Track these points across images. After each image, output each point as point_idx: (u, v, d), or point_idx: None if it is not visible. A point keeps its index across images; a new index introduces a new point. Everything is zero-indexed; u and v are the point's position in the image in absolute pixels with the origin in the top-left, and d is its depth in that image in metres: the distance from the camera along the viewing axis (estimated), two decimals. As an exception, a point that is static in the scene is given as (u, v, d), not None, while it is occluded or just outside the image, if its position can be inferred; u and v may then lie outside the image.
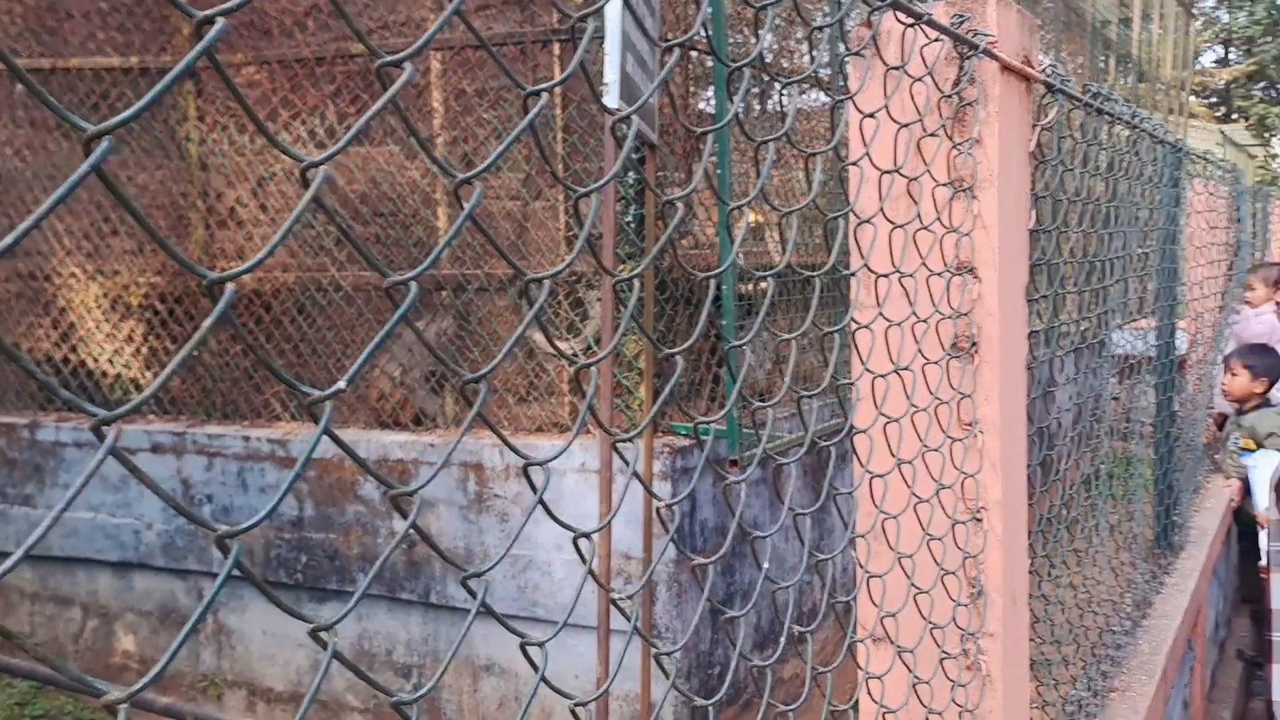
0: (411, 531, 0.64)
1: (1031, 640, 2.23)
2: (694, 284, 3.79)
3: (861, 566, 1.42)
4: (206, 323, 0.53)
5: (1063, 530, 2.66)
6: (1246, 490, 5.02)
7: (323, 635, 0.62)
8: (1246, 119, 31.45)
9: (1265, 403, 4.96)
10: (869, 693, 1.43)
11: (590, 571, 0.81)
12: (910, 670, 1.50)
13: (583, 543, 0.82)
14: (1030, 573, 2.13)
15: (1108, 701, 2.82)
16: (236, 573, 0.57)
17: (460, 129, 4.31)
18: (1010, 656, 1.80)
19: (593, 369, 0.80)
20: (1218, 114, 31.56)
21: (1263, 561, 2.83)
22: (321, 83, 4.49)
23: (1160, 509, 4.05)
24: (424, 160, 4.22)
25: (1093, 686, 2.79)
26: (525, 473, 0.76)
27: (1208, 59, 36.22)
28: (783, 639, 0.92)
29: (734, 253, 0.95)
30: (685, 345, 0.87)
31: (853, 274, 1.26)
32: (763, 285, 4.18)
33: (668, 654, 0.89)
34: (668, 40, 3.37)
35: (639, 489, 2.97)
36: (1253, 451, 4.93)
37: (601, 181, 0.74)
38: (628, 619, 0.86)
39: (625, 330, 0.83)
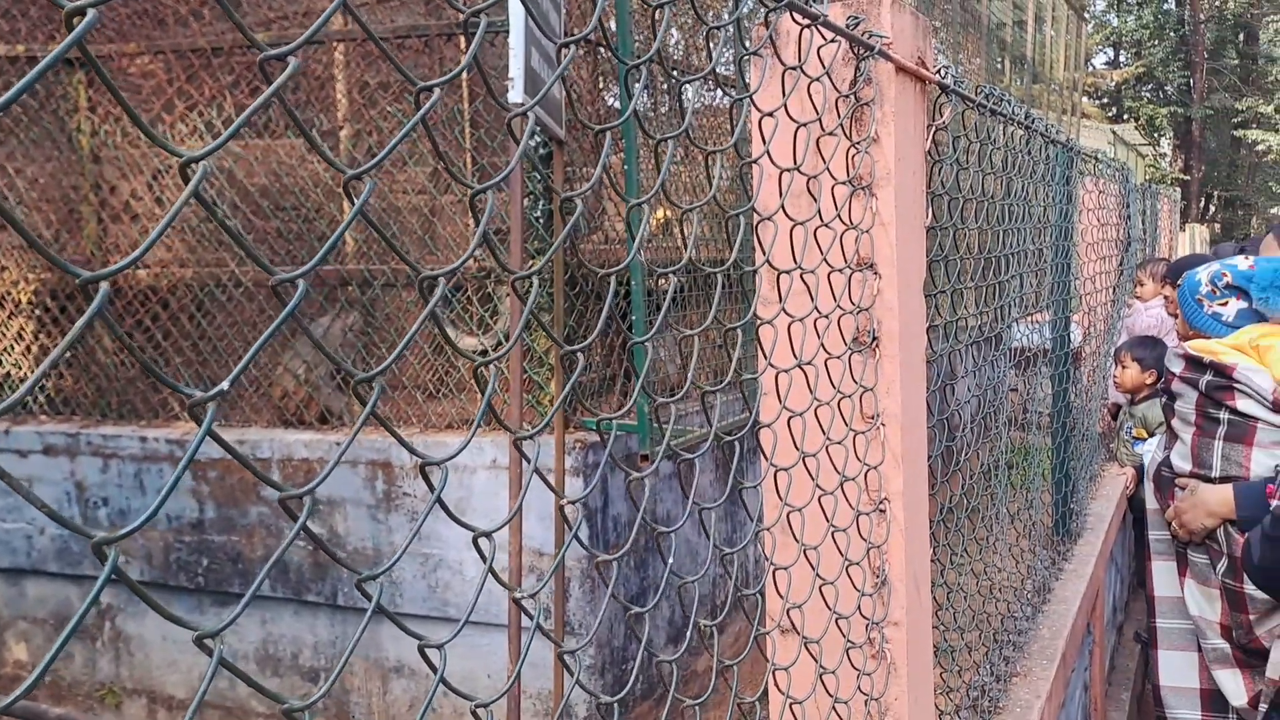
0: (316, 534, 0.63)
1: (935, 628, 2.28)
2: (605, 280, 3.79)
3: (767, 559, 1.43)
4: (78, 324, 0.51)
5: (964, 519, 2.73)
6: (1140, 478, 5.21)
7: (208, 643, 0.60)
8: (1136, 119, 32.67)
9: (1155, 393, 5.15)
10: (776, 684, 1.45)
11: (490, 570, 0.80)
12: (816, 660, 1.52)
13: (484, 542, 0.81)
14: (933, 561, 2.18)
15: (1010, 686, 2.90)
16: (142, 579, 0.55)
17: (364, 122, 4.24)
18: (914, 644, 1.84)
19: (493, 366, 0.80)
20: (1109, 114, 32.72)
21: (1153, 536, 2.95)
22: (219, 74, 4.37)
23: (1058, 497, 4.18)
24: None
25: (995, 672, 2.87)
26: (423, 472, 0.75)
27: (1099, 61, 37.54)
28: (684, 634, 0.92)
29: (635, 249, 0.95)
30: (586, 342, 0.87)
31: (754, 270, 1.28)
32: (673, 281, 4.20)
33: (570, 652, 0.89)
34: (573, 35, 3.35)
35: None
36: (1145, 440, 5.12)
37: (497, 178, 0.74)
38: (530, 618, 0.85)
39: (524, 327, 0.83)
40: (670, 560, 1.03)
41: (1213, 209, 34.60)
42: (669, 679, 1.10)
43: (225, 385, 0.58)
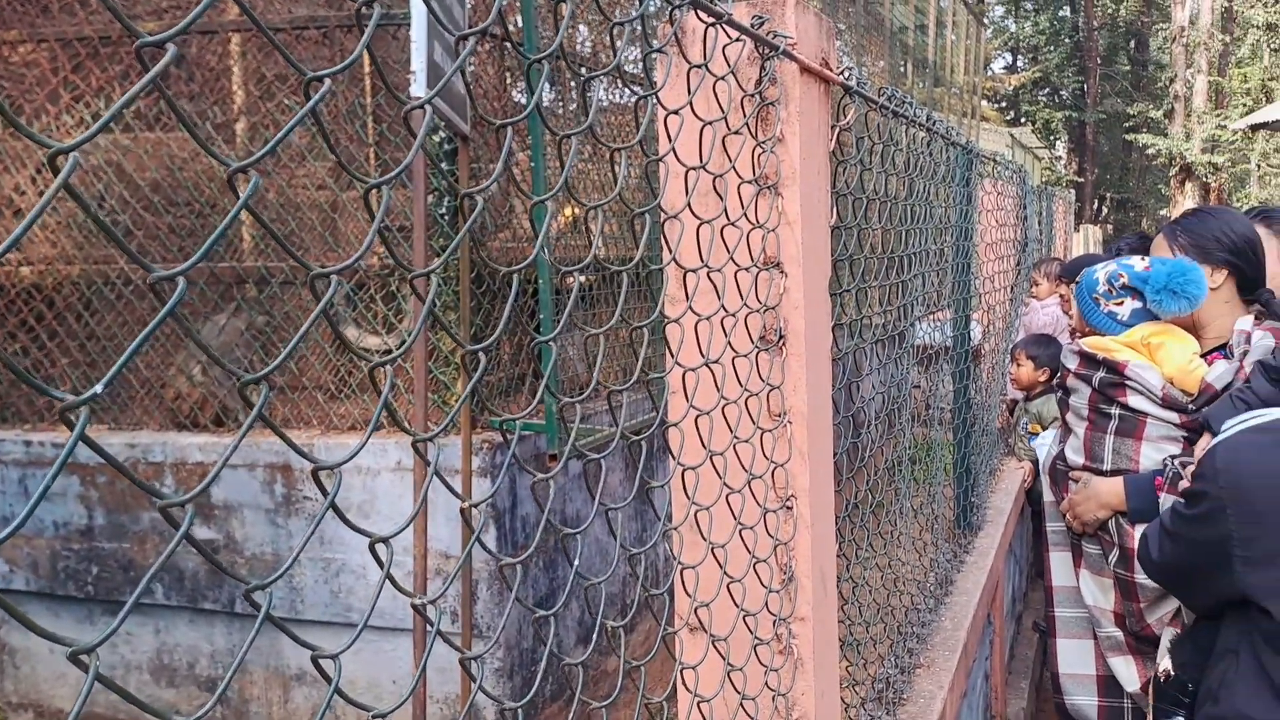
0: (212, 540, 0.60)
1: (841, 622, 2.31)
2: (512, 278, 3.75)
3: (675, 558, 1.43)
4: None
5: (869, 514, 2.77)
6: (1037, 472, 5.36)
7: (83, 659, 0.57)
8: (1033, 123, 33.72)
9: (1049, 390, 5.31)
10: (684, 683, 1.45)
11: (388, 576, 0.78)
12: (724, 658, 1.53)
13: (381, 548, 0.79)
14: (839, 556, 2.20)
15: (914, 677, 2.96)
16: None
17: (261, 115, 4.12)
18: (821, 639, 1.85)
19: (389, 367, 0.77)
20: (1008, 118, 33.71)
21: (1050, 528, 3.04)
22: (108, 64, 4.21)
23: (960, 491, 4.27)
24: (222, 146, 4.02)
25: (900, 663, 2.92)
26: (315, 477, 0.72)
27: (998, 66, 38.64)
28: (594, 634, 0.91)
29: (539, 246, 0.93)
30: (487, 343, 0.85)
31: (660, 269, 1.27)
32: (583, 279, 4.18)
33: (474, 658, 0.87)
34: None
35: (459, 487, 2.91)
36: (1039, 435, 5.27)
37: (393, 173, 0.71)
38: (431, 624, 0.83)
39: (422, 327, 0.81)
40: (576, 562, 1.01)
41: (1105, 210, 35.89)
42: (579, 679, 1.09)
43: (99, 388, 0.55)
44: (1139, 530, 2.60)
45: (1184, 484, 2.25)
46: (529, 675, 3.59)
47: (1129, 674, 2.78)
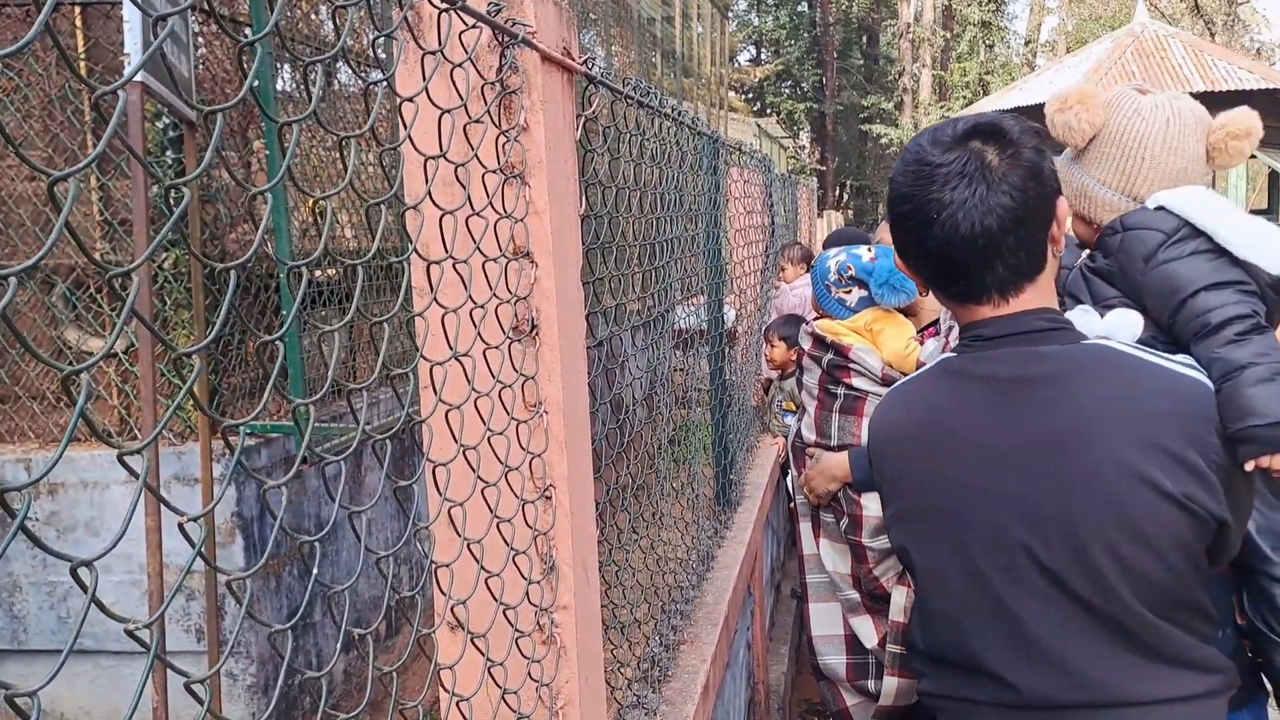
0: None
1: (605, 606, 2.34)
2: (252, 274, 3.57)
3: (428, 557, 1.40)
4: None
5: (630, 497, 2.82)
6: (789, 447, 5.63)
7: None
8: (778, 114, 35.33)
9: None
10: (442, 684, 1.42)
11: (94, 600, 0.71)
12: (484, 654, 1.51)
13: (84, 571, 0.72)
14: (601, 542, 2.23)
15: (678, 654, 3.04)
16: None
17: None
18: (584, 626, 1.87)
19: (84, 375, 0.70)
20: (754, 109, 35.14)
21: (797, 501, 3.22)
22: None
23: (719, 469, 4.42)
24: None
25: (665, 641, 2.99)
26: (0, 499, 0.65)
27: (744, 58, 40.22)
28: (351, 642, 0.87)
29: (258, 240, 0.88)
30: (202, 344, 0.79)
31: (401, 260, 1.23)
32: (331, 273, 4.03)
33: (199, 681, 0.81)
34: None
35: (200, 496, 2.74)
36: (794, 413, 5.54)
37: (78, 166, 0.65)
38: (146, 647, 0.77)
39: (123, 328, 0.75)
40: (315, 570, 0.97)
41: (846, 197, 38.10)
42: (335, 688, 1.04)
43: None
44: (865, 499, 2.84)
45: None
46: (286, 689, 3.43)
47: (868, 632, 2.99)
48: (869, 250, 3.12)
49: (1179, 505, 1.55)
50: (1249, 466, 1.62)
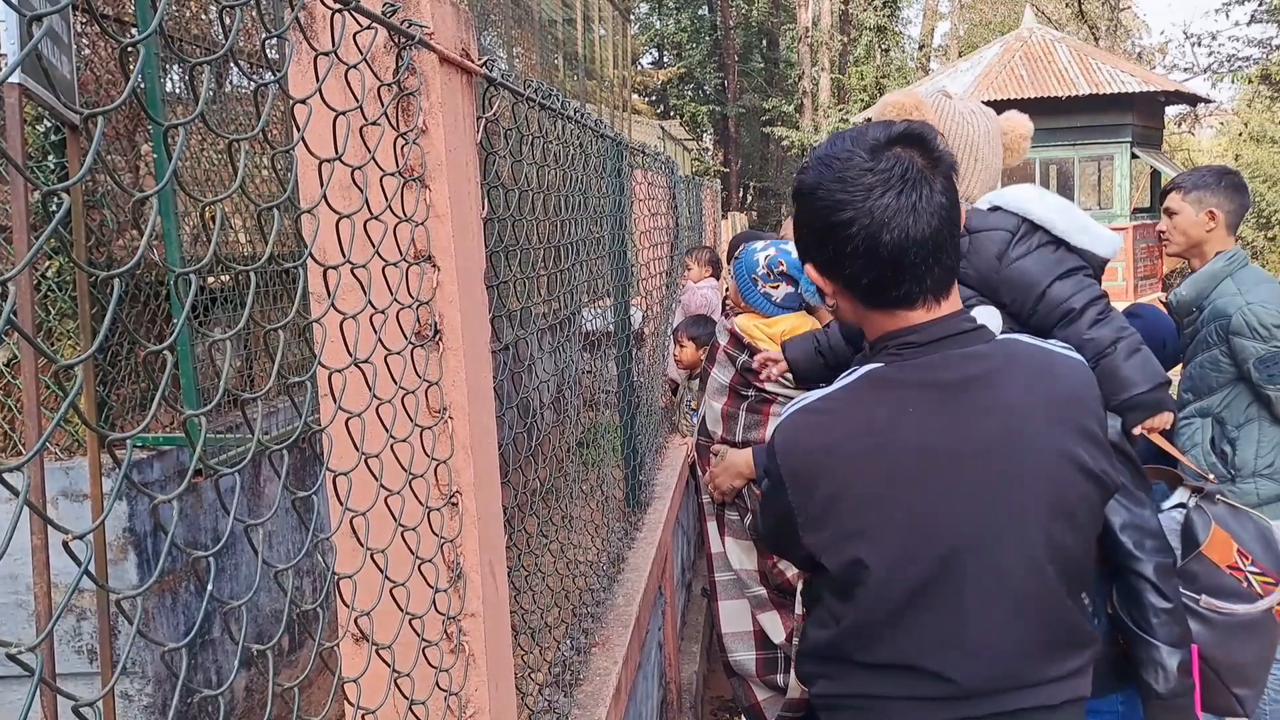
0: None
1: (515, 612, 2.32)
2: (141, 282, 3.45)
3: (329, 569, 1.37)
4: None
5: (539, 501, 2.80)
6: (699, 447, 5.66)
7: None
8: (681, 116, 35.58)
9: (708, 368, 5.61)
10: (347, 698, 1.39)
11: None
12: (390, 665, 1.48)
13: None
14: (511, 547, 2.21)
15: (590, 657, 3.03)
16: None
17: None
18: (493, 633, 1.85)
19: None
20: (658, 111, 35.34)
21: (704, 499, 3.24)
22: None
23: (628, 470, 4.42)
24: None
25: (576, 645, 2.98)
26: None
27: (646, 61, 40.39)
28: (251, 659, 0.84)
29: (144, 247, 0.85)
30: (84, 356, 0.76)
31: (296, 265, 1.20)
32: (224, 279, 3.93)
33: (88, 704, 0.78)
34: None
35: (90, 512, 2.64)
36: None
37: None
38: (29, 670, 0.74)
39: (2, 339, 0.72)
40: (210, 586, 0.94)
41: (750, 198, 38.55)
42: (236, 704, 1.01)
43: None
44: None
45: None
46: (186, 707, 3.33)
47: (775, 626, 3.03)
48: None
49: (1097, 481, 1.65)
50: (1137, 432, 1.71)
